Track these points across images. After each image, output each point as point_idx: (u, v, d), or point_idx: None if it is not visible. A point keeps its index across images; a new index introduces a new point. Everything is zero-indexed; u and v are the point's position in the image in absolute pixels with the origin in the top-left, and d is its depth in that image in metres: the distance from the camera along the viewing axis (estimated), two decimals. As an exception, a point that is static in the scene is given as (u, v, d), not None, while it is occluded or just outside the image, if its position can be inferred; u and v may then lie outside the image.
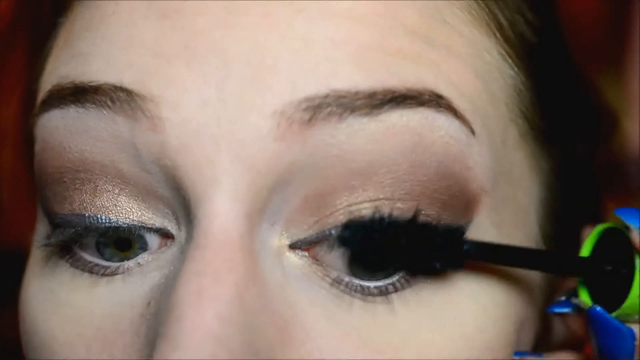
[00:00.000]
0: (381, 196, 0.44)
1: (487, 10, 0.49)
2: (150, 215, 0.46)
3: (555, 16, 0.56)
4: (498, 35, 0.49)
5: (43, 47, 0.54)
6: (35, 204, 0.54)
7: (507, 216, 0.49)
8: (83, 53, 0.47)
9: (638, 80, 0.89)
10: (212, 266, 0.42)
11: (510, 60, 0.50)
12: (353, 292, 0.45)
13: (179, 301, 0.42)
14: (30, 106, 0.54)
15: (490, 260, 0.46)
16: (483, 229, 0.47)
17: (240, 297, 0.42)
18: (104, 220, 0.46)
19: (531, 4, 0.52)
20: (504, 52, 0.49)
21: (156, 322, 0.43)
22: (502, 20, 0.50)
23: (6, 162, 0.65)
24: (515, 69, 0.50)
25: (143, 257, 0.47)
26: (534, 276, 0.50)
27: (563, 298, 0.50)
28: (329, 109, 0.43)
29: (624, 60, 0.93)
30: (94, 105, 0.45)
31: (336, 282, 0.45)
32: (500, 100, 0.49)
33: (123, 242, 0.47)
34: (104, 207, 0.46)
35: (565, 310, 0.49)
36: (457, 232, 0.45)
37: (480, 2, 0.49)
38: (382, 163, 0.44)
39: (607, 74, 0.90)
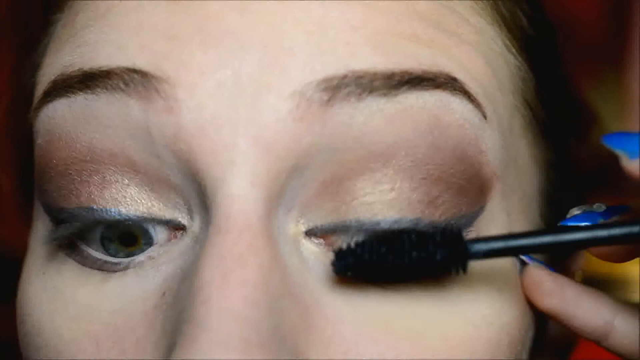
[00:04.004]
0: (401, 180, 0.44)
1: (491, 1, 0.50)
2: (160, 207, 0.45)
3: (545, 9, 0.57)
4: (502, 25, 0.50)
5: (36, 46, 0.53)
6: (21, 213, 0.53)
7: (515, 203, 0.49)
8: (90, 42, 0.46)
9: (638, 80, 0.89)
10: (236, 250, 0.41)
11: (514, 51, 0.50)
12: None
13: (204, 284, 0.41)
14: (22, 107, 0.53)
15: (498, 255, 0.45)
16: (495, 215, 0.47)
17: (265, 281, 0.41)
18: (113, 213, 0.46)
19: None
20: (507, 43, 0.50)
21: (175, 310, 0.43)
22: (505, 11, 0.51)
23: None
24: (519, 59, 0.51)
25: (153, 250, 0.46)
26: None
27: (578, 211, 0.49)
28: (347, 89, 0.43)
29: (624, 60, 0.92)
30: (105, 90, 0.45)
31: None
32: (507, 88, 0.49)
33: (128, 237, 0.46)
34: (113, 199, 0.46)
35: (583, 223, 0.47)
36: (458, 235, 0.44)
37: None
38: (400, 145, 0.44)
39: (607, 74, 0.90)
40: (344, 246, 0.44)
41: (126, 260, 0.46)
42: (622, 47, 0.95)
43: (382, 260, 0.43)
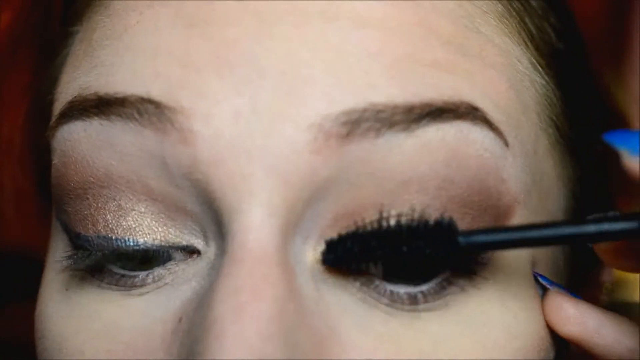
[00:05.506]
0: (411, 213, 0.44)
1: (518, 19, 0.49)
2: (176, 233, 0.45)
3: (573, 19, 0.56)
4: (529, 44, 0.49)
5: (55, 57, 0.53)
6: (40, 215, 0.54)
7: None
8: (106, 63, 0.46)
9: (638, 80, 0.89)
10: (251, 282, 0.41)
11: (540, 69, 0.49)
12: (381, 298, 0.44)
13: (218, 318, 0.40)
14: (40, 117, 0.53)
15: (489, 248, 0.44)
16: None
17: (280, 313, 0.41)
18: (130, 243, 0.45)
19: (555, 10, 0.52)
20: (534, 61, 0.49)
21: (190, 339, 0.42)
22: (532, 28, 0.49)
23: (9, 175, 0.65)
24: (546, 77, 0.50)
25: (172, 264, 0.45)
26: (561, 278, 0.50)
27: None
28: (367, 123, 0.42)
29: (624, 60, 0.93)
30: (119, 118, 0.44)
31: (364, 285, 0.44)
32: (532, 109, 0.48)
33: (146, 259, 0.46)
34: (130, 228, 0.45)
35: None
36: (449, 227, 0.44)
37: (511, 10, 0.48)
38: (414, 181, 0.43)
39: (607, 74, 0.90)
40: (335, 237, 0.44)
41: (144, 273, 0.46)
42: (622, 47, 0.95)
43: (371, 254, 0.43)
